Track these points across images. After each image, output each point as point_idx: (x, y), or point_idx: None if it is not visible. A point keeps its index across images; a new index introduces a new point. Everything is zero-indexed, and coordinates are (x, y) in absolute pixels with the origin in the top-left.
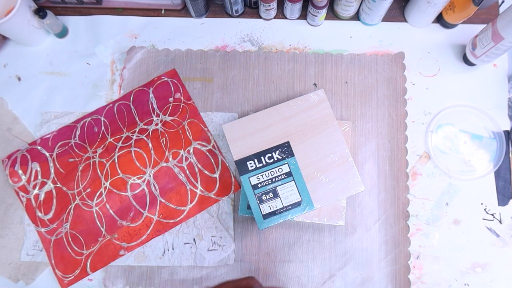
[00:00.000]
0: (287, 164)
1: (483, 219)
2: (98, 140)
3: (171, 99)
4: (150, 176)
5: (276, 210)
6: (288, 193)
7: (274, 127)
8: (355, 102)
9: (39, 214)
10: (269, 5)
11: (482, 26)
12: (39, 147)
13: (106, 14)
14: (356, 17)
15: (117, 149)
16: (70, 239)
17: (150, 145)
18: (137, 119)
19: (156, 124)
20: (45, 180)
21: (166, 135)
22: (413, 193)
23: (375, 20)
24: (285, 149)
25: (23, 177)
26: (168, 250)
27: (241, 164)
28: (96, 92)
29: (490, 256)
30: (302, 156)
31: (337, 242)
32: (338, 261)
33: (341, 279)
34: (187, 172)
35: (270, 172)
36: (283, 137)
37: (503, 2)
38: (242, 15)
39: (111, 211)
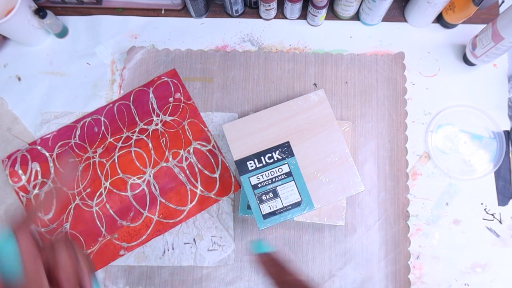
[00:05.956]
0: (287, 164)
1: (483, 219)
2: (98, 140)
3: (171, 99)
4: (150, 176)
5: (276, 210)
6: (288, 193)
7: (274, 127)
8: (355, 102)
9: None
10: (269, 5)
11: (482, 26)
12: (39, 147)
13: (106, 14)
14: (356, 17)
15: (117, 149)
16: (70, 239)
17: (150, 145)
18: (137, 119)
19: (156, 124)
20: (45, 180)
21: (166, 135)
22: (413, 193)
23: (375, 20)
24: (285, 149)
25: (23, 177)
26: (168, 250)
27: (241, 164)
28: (96, 92)
29: (490, 256)
30: (302, 156)
31: (337, 242)
32: (338, 261)
33: (341, 279)
34: (187, 172)
35: (270, 172)
36: (283, 137)
37: (503, 2)
38: (242, 15)
39: (111, 211)
